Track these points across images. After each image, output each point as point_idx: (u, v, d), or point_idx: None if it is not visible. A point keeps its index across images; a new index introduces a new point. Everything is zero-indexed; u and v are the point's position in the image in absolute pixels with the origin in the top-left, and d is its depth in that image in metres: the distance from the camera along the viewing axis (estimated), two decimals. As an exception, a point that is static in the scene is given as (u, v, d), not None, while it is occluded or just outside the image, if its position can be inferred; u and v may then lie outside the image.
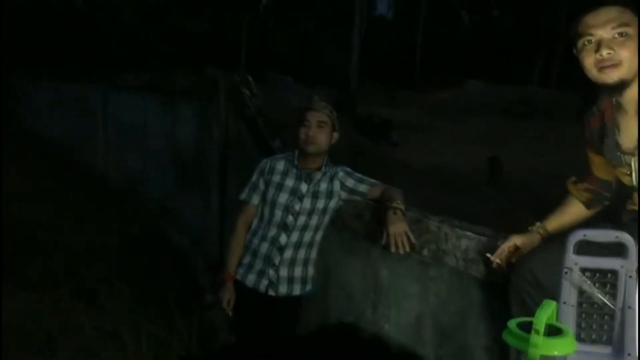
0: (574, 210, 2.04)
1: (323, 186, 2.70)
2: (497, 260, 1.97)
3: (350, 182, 2.73)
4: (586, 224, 2.00)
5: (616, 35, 1.64)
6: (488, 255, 2.01)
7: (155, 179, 5.87)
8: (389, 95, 28.19)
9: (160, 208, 5.58)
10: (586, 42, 1.69)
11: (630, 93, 1.72)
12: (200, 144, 4.72)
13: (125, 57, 19.87)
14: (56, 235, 5.12)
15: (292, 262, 2.68)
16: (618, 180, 1.94)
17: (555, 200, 2.12)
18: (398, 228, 2.36)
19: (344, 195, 2.74)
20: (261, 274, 2.66)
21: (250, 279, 2.68)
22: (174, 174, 5.39)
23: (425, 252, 2.46)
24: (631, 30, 1.63)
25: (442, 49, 41.53)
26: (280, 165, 2.74)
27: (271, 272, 2.65)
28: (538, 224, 2.03)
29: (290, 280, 2.68)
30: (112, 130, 7.23)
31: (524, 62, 38.76)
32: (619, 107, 1.78)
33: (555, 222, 2.04)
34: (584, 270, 1.33)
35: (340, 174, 2.75)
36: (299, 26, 39.04)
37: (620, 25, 1.63)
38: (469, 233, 2.27)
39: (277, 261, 2.65)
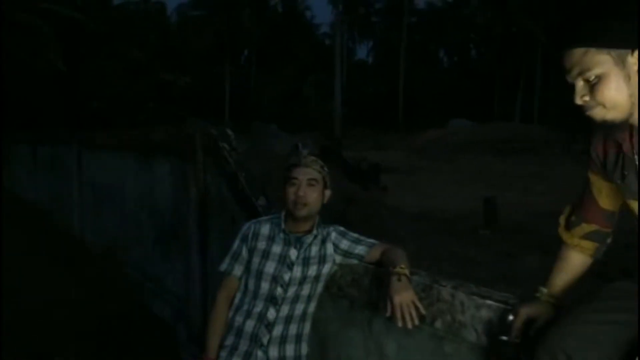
0: (575, 264, 1.80)
1: (314, 250, 2.38)
2: (516, 340, 1.74)
3: (344, 244, 2.42)
4: (600, 276, 1.76)
5: (585, 81, 1.45)
6: (504, 337, 1.76)
7: (133, 242, 5.56)
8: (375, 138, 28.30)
9: (140, 274, 5.23)
10: (570, 85, 1.51)
11: None
12: (179, 203, 4.42)
13: (110, 115, 19.82)
14: (28, 308, 4.75)
15: (283, 340, 2.34)
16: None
17: (555, 238, 1.86)
18: (404, 297, 2.04)
19: (338, 259, 2.43)
20: (248, 356, 2.31)
21: None
22: (153, 236, 5.07)
23: (438, 324, 2.12)
24: (601, 71, 1.40)
25: (423, 91, 42.20)
26: (266, 230, 2.41)
27: (259, 353, 2.31)
28: (545, 290, 1.80)
29: None
30: (87, 191, 6.96)
31: (504, 99, 39.37)
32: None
33: (560, 283, 1.81)
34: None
35: (333, 234, 2.43)
36: (281, 74, 39.52)
37: (583, 71, 1.43)
38: (489, 302, 1.94)
39: (265, 340, 2.31)
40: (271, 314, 2.32)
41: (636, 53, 1.38)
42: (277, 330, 2.32)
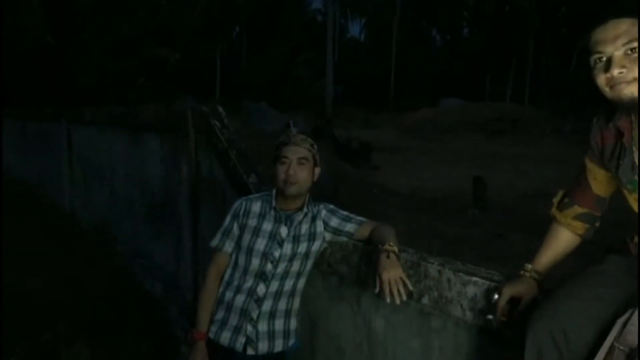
0: (564, 241, 1.85)
1: (305, 228, 2.40)
2: (502, 319, 1.78)
3: (334, 222, 2.44)
4: (587, 254, 1.79)
5: (628, 52, 1.47)
6: (490, 316, 1.81)
7: (125, 218, 5.53)
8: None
9: (131, 250, 5.23)
10: (597, 60, 1.53)
11: None
12: (170, 181, 4.40)
13: (99, 92, 19.59)
14: (17, 286, 4.74)
15: (272, 315, 2.37)
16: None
17: (543, 219, 1.92)
18: (392, 274, 2.07)
19: (328, 236, 2.45)
20: (237, 330, 2.35)
21: (225, 337, 2.36)
22: (144, 213, 5.06)
23: (425, 300, 2.16)
24: None
25: (415, 69, 41.98)
26: (257, 207, 2.43)
27: (249, 327, 2.34)
28: (529, 266, 1.83)
29: (271, 335, 2.37)
30: (77, 168, 6.90)
31: (496, 79, 39.30)
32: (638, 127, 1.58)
33: (546, 260, 1.85)
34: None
35: (323, 212, 2.45)
36: (272, 52, 39.11)
37: (631, 41, 1.46)
38: (475, 279, 1.97)
39: (255, 315, 2.34)
40: (261, 289, 2.34)
41: None
42: (267, 305, 2.35)
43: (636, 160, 1.60)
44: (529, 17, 35.37)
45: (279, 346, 2.39)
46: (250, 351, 2.34)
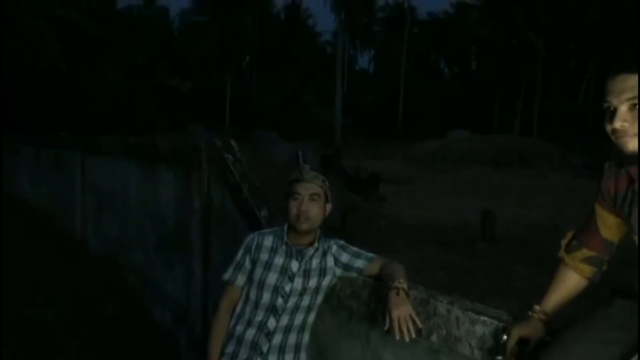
0: (572, 284, 1.86)
1: (315, 263, 2.44)
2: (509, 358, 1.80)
3: (345, 257, 2.48)
4: (593, 296, 1.83)
5: (632, 107, 1.50)
6: (499, 358, 1.82)
7: (136, 247, 5.58)
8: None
9: (141, 279, 5.26)
10: (606, 108, 1.56)
11: None
12: (182, 212, 4.47)
13: (111, 118, 19.84)
14: (28, 310, 4.78)
15: (282, 349, 2.40)
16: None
17: (551, 254, 1.94)
18: (402, 311, 2.10)
19: (338, 272, 2.49)
20: None
21: None
22: (155, 242, 5.11)
23: (434, 337, 2.18)
24: None
25: (423, 101, 42.21)
26: (269, 242, 2.48)
27: None
28: (537, 308, 1.85)
29: None
30: (90, 196, 6.98)
31: (504, 111, 39.41)
32: None
33: (553, 302, 1.87)
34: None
35: (334, 248, 2.50)
36: (282, 81, 39.55)
37: (634, 97, 1.49)
38: (484, 318, 2.00)
39: (265, 349, 2.37)
40: (271, 323, 2.37)
41: None
42: (277, 339, 2.38)
43: None
44: (537, 52, 35.66)
45: (289, 379, 2.40)
46: (260, 384, 2.36)
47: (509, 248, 8.95)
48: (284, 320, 2.39)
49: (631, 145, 1.52)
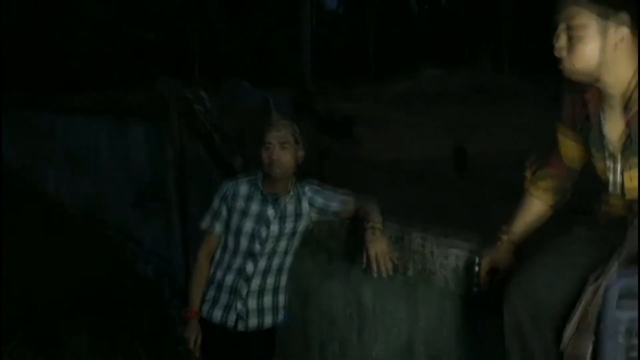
0: (537, 211, 1.94)
1: (290, 209, 2.49)
2: (484, 288, 1.90)
3: (319, 201, 2.52)
4: (554, 224, 1.91)
5: (568, 37, 1.56)
6: (475, 289, 1.92)
7: (112, 204, 5.57)
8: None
9: (120, 235, 5.28)
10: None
11: (615, 88, 1.59)
12: (156, 165, 4.45)
13: (83, 75, 19.27)
14: (10, 273, 4.77)
15: (261, 292, 2.48)
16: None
17: (519, 186, 2.00)
18: (378, 249, 2.18)
19: (314, 216, 2.54)
20: (228, 308, 2.46)
21: (217, 315, 2.46)
22: (131, 197, 5.10)
23: (410, 272, 2.27)
24: (583, 33, 1.54)
25: (394, 40, 41.77)
26: (244, 190, 2.51)
27: (239, 305, 2.45)
28: (505, 237, 1.93)
29: (260, 311, 2.48)
30: (62, 155, 6.88)
31: (475, 48, 39.24)
32: (606, 99, 1.65)
33: (520, 230, 1.94)
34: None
35: (309, 192, 2.54)
36: (252, 28, 38.63)
37: (570, 27, 1.55)
38: (456, 250, 2.08)
39: (244, 292, 2.45)
40: (249, 268, 2.44)
41: (622, 28, 1.50)
42: (255, 283, 2.45)
43: (604, 131, 1.66)
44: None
45: (268, 322, 2.49)
46: (241, 327, 2.44)
47: (482, 184, 9.12)
48: (262, 264, 2.46)
49: (567, 72, 1.59)
